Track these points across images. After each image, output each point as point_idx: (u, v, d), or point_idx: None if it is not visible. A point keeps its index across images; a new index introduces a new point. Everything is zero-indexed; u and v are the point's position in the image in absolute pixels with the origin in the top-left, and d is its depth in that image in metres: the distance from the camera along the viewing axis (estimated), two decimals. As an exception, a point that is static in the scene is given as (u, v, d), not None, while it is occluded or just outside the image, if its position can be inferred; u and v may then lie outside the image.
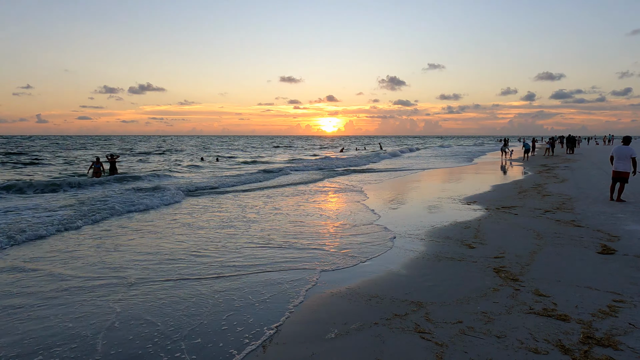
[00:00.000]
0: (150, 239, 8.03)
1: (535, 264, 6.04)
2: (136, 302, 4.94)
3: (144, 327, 4.32)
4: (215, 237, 8.06)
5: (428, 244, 7.40)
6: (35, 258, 6.76)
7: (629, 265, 5.86)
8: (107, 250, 7.24)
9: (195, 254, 6.90)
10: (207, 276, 5.84)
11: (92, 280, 5.70)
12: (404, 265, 6.23)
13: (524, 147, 31.69)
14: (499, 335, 3.94)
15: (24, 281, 5.69)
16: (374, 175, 21.94)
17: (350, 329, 4.19)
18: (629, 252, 6.51)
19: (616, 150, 10.89)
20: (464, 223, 9.04)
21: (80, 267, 6.30)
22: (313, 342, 3.95)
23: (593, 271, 5.68)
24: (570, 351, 3.61)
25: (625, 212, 9.59)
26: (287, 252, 7.00)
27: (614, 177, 10.97)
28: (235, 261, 6.52)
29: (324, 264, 6.38)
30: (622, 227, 8.15)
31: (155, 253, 7.00)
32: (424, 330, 4.09)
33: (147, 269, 6.18)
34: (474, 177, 19.82)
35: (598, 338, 3.82)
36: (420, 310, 4.57)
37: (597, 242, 7.14)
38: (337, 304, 4.84)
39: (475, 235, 7.91)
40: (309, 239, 7.95)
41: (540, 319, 4.26)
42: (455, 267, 6.05)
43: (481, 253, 6.70)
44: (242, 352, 3.81)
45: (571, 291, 4.99)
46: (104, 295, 5.17)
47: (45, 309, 4.79)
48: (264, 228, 8.83)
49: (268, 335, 4.11)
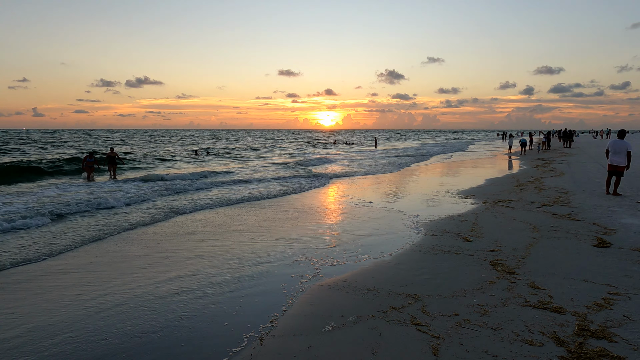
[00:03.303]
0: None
1: (532, 257, 6.06)
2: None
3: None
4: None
5: (425, 237, 7.42)
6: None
7: (625, 258, 5.90)
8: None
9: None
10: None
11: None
12: (400, 258, 6.25)
13: (520, 142, 32.03)
14: (494, 327, 3.97)
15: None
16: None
17: (347, 321, 4.21)
18: (625, 245, 6.55)
19: (612, 144, 10.93)
20: (460, 216, 9.07)
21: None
22: (310, 335, 3.96)
23: (589, 264, 5.71)
24: (565, 343, 3.64)
25: (621, 205, 9.64)
26: (280, 244, 7.01)
27: (609, 170, 11.01)
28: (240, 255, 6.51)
29: (321, 257, 6.39)
30: (618, 220, 8.20)
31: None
32: (421, 322, 4.11)
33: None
34: (470, 171, 19.85)
35: (593, 330, 3.85)
36: (416, 303, 4.59)
37: (593, 235, 7.17)
38: (334, 297, 4.86)
39: (472, 228, 7.94)
40: (305, 231, 7.95)
41: (536, 312, 4.28)
42: (452, 260, 6.07)
43: (478, 246, 6.73)
44: (239, 344, 3.82)
45: (567, 284, 5.02)
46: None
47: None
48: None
49: (265, 328, 4.12)
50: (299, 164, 25.53)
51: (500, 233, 7.54)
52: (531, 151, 33.76)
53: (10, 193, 13.13)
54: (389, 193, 13.05)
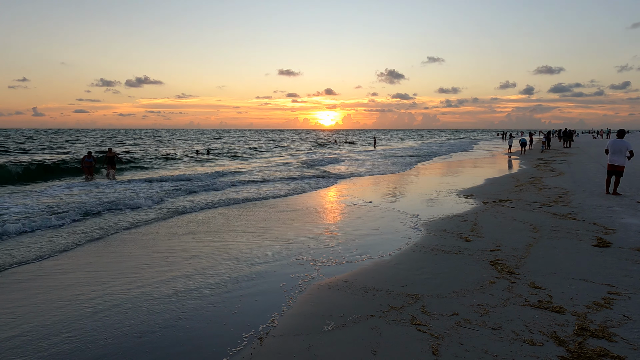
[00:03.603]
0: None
1: (531, 257, 6.06)
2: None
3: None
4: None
5: (425, 236, 7.42)
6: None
7: (624, 258, 5.90)
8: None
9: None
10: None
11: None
12: (400, 258, 6.25)
13: (520, 141, 32.06)
14: (494, 327, 3.97)
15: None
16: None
17: (347, 321, 4.20)
18: (624, 245, 6.55)
19: (611, 144, 10.93)
20: (460, 216, 9.07)
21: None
22: (310, 335, 3.96)
23: (588, 264, 5.71)
24: (564, 342, 3.64)
25: (621, 205, 9.63)
26: (281, 244, 7.01)
27: (609, 170, 11.01)
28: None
29: (321, 257, 6.39)
30: (617, 220, 8.19)
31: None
32: (420, 322, 4.11)
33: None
34: (470, 171, 19.85)
35: (592, 330, 3.85)
36: (416, 302, 4.59)
37: (593, 235, 7.17)
38: (334, 296, 4.86)
39: (472, 228, 7.94)
40: (304, 231, 7.95)
41: (536, 311, 4.28)
42: (452, 260, 6.07)
43: (478, 246, 6.73)
44: (239, 344, 3.82)
45: (566, 284, 5.02)
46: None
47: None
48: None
49: (265, 328, 4.12)
50: (307, 163, 25.34)
51: (500, 233, 7.53)
52: (533, 151, 33.74)
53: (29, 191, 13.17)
54: (389, 192, 13.05)
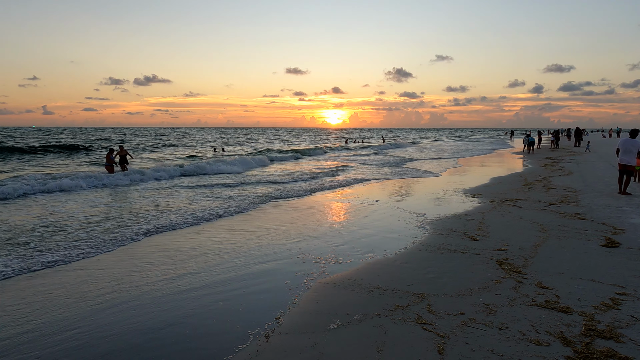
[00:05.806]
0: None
1: (539, 257, 6.02)
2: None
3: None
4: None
5: (431, 236, 7.40)
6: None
7: (633, 258, 5.84)
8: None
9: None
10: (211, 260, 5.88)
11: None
12: (406, 257, 6.24)
13: (529, 140, 31.57)
14: (500, 327, 3.95)
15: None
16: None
17: (353, 319, 4.22)
18: (634, 245, 6.48)
19: (622, 143, 10.80)
20: (467, 215, 9.02)
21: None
22: (315, 332, 3.98)
23: (596, 264, 5.66)
24: (571, 343, 3.62)
25: (630, 205, 9.53)
26: (287, 243, 7.04)
27: (620, 169, 10.89)
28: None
29: (326, 255, 6.41)
30: (627, 220, 8.11)
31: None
32: (426, 321, 4.11)
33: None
34: (478, 170, 19.73)
35: (600, 330, 3.82)
36: (422, 301, 4.59)
37: (602, 235, 7.11)
38: (339, 295, 4.87)
39: (478, 227, 7.90)
40: (311, 230, 7.97)
41: (543, 311, 4.26)
42: (458, 259, 6.05)
43: (484, 245, 6.70)
44: (245, 341, 3.85)
45: (574, 284, 4.98)
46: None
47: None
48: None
49: (271, 325, 4.15)
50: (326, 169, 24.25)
51: (507, 232, 7.49)
52: (541, 150, 33.39)
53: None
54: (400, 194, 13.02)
